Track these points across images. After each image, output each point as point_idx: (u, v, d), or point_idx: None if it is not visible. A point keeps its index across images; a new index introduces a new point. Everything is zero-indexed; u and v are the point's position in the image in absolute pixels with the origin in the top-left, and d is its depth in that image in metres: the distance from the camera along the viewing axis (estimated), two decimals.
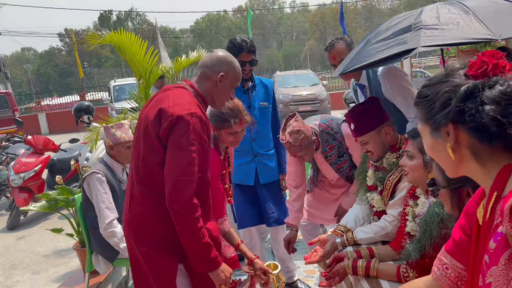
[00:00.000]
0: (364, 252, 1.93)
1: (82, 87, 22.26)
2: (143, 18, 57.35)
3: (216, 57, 1.90)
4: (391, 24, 1.98)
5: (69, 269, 3.97)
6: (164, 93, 1.83)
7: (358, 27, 50.32)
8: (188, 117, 1.67)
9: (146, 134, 1.74)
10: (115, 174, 2.84)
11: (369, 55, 1.91)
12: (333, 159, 2.64)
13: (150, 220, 1.78)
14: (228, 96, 1.95)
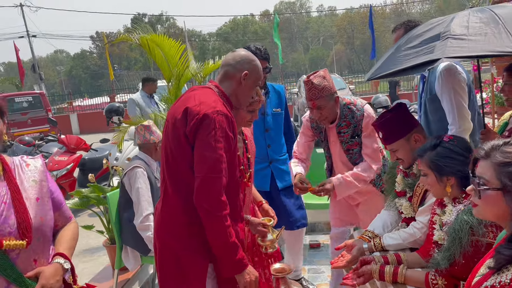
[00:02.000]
0: (391, 258, 1.92)
1: (112, 88, 22.84)
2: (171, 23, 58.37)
3: (239, 56, 1.91)
4: (422, 31, 1.96)
5: (98, 266, 4.08)
6: (191, 93, 1.86)
7: (387, 31, 49.56)
8: (214, 115, 1.69)
9: (174, 133, 1.77)
10: (151, 170, 2.93)
11: (397, 63, 1.90)
12: (345, 137, 2.60)
13: (181, 219, 1.80)
14: (251, 94, 1.96)
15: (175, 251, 1.82)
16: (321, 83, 2.42)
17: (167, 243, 1.85)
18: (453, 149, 1.74)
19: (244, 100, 1.95)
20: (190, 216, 1.78)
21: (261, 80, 1.99)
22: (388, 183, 2.34)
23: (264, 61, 2.90)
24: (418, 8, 57.44)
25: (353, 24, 50.90)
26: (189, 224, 1.79)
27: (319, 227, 4.47)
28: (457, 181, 1.72)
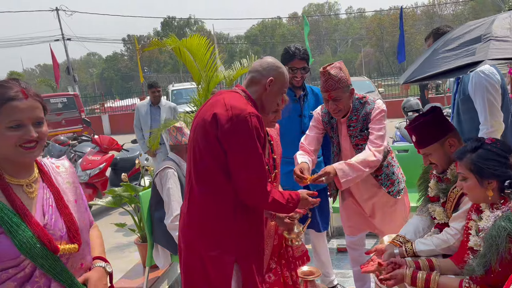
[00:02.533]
0: (423, 263, 1.89)
1: (142, 90, 23.32)
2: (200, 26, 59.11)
3: (266, 62, 1.96)
4: (460, 33, 1.93)
5: (129, 263, 4.18)
6: (218, 96, 1.88)
7: (418, 33, 48.55)
8: (248, 116, 1.73)
9: (204, 137, 1.79)
10: (182, 171, 2.98)
11: (435, 66, 1.87)
12: (354, 132, 2.56)
13: (207, 219, 1.83)
14: (276, 101, 1.97)
15: (200, 251, 1.84)
16: (338, 74, 2.39)
17: (193, 243, 1.87)
18: (497, 152, 1.69)
19: (269, 106, 1.97)
20: (216, 216, 1.81)
21: (287, 87, 2.01)
22: (420, 188, 2.30)
23: (301, 61, 2.93)
24: (451, 9, 55.95)
25: (383, 26, 50.12)
26: (215, 224, 1.82)
27: None
28: (498, 185, 1.67)
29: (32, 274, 1.36)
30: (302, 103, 3.03)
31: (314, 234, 3.14)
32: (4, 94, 1.33)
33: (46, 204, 1.44)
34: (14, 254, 1.31)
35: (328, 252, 3.25)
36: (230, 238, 1.82)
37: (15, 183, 1.38)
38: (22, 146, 1.35)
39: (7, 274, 1.31)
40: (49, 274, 1.39)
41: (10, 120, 1.33)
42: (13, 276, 1.32)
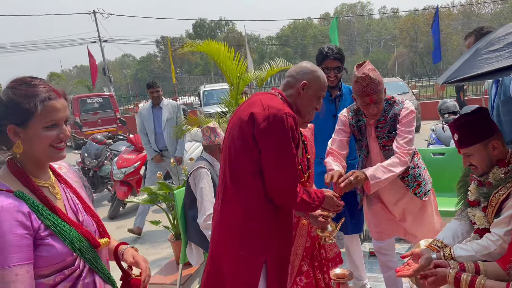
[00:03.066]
0: (470, 266, 1.83)
1: (174, 91, 23.76)
2: (231, 27, 59.60)
3: (300, 67, 1.99)
4: (504, 34, 1.87)
5: (162, 260, 4.28)
6: (255, 97, 1.91)
7: (454, 33, 47.09)
8: (284, 116, 1.75)
9: (240, 135, 1.82)
10: (215, 171, 3.03)
11: (477, 66, 1.82)
12: (381, 133, 2.53)
13: (240, 220, 1.85)
14: (312, 105, 1.99)
15: (230, 249, 1.86)
16: (377, 77, 2.36)
17: (224, 241, 1.90)
18: None
19: (304, 109, 1.98)
20: (248, 216, 1.83)
21: (324, 91, 2.00)
22: (460, 191, 2.24)
23: (335, 61, 2.92)
24: (489, 8, 53.92)
25: (417, 26, 48.90)
26: (248, 223, 1.83)
27: None
28: None
29: (82, 272, 1.39)
30: (338, 103, 3.01)
31: (348, 236, 3.12)
32: (41, 94, 1.31)
33: (73, 203, 1.47)
34: (69, 253, 1.34)
35: (362, 255, 3.22)
36: (260, 238, 1.84)
37: (41, 185, 1.37)
38: (54, 146, 1.35)
39: (62, 275, 1.32)
40: (94, 269, 1.43)
41: (48, 120, 1.32)
42: (68, 276, 1.34)
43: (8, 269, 1.19)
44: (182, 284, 3.11)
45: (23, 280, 1.21)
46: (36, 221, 1.28)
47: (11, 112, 1.28)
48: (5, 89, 1.31)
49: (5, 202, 1.24)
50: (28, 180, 1.33)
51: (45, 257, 1.28)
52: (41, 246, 1.28)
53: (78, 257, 1.37)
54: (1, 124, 1.29)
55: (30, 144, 1.32)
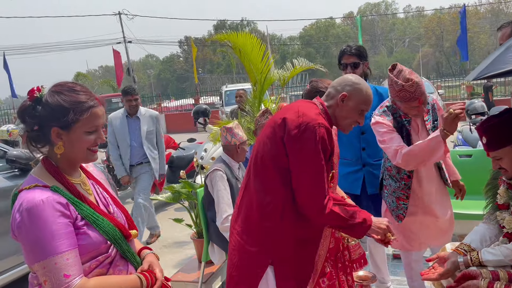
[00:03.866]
0: (503, 274, 1.78)
1: (196, 91, 23.99)
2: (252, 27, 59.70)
3: (343, 78, 1.97)
4: None
5: (184, 257, 4.33)
6: (294, 104, 1.93)
7: (482, 32, 45.87)
8: (316, 127, 1.74)
9: (271, 137, 1.84)
10: (232, 172, 3.03)
11: (509, 62, 1.77)
12: (429, 125, 2.57)
13: (255, 216, 1.86)
14: (353, 118, 1.94)
15: (243, 244, 1.89)
16: (418, 79, 2.37)
17: (238, 235, 1.92)
18: None
19: (342, 122, 1.94)
20: (263, 215, 1.84)
21: (367, 105, 1.93)
22: (488, 194, 2.19)
23: (351, 57, 2.92)
24: None
25: (443, 25, 47.85)
26: (261, 222, 1.85)
27: None
28: None
29: (114, 259, 1.47)
30: None
31: (371, 238, 3.07)
32: (87, 101, 1.41)
33: (103, 197, 1.56)
34: (104, 241, 1.43)
35: (385, 257, 3.17)
36: (271, 239, 1.84)
37: (74, 181, 1.47)
38: (90, 149, 1.46)
39: (97, 262, 1.42)
40: (126, 257, 1.51)
41: (91, 126, 1.43)
42: (102, 263, 1.43)
43: (60, 255, 1.29)
44: (204, 282, 3.14)
45: (74, 263, 1.31)
46: (74, 211, 1.38)
47: (58, 116, 1.38)
48: (51, 93, 1.41)
49: (44, 195, 1.32)
50: (62, 177, 1.43)
51: (81, 245, 1.37)
52: (78, 235, 1.37)
53: (112, 246, 1.46)
54: (46, 125, 1.39)
55: (71, 146, 1.42)
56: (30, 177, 1.41)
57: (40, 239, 1.28)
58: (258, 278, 1.86)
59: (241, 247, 1.90)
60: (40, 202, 1.30)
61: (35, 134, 1.41)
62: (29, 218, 1.29)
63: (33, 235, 1.29)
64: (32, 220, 1.29)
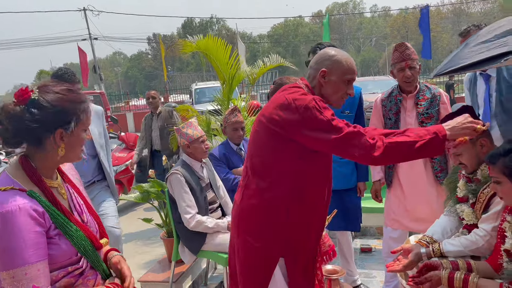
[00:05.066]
0: (462, 264, 1.86)
1: (165, 89, 23.65)
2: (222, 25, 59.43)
3: (319, 54, 1.90)
4: (493, 28, 1.91)
5: (153, 257, 4.28)
6: (280, 93, 1.87)
7: (444, 32, 47.50)
8: (313, 102, 1.72)
9: (268, 133, 1.81)
10: (194, 172, 3.00)
11: (467, 57, 1.84)
12: (421, 109, 2.73)
13: (259, 212, 1.85)
14: (341, 91, 1.85)
15: (250, 242, 1.88)
16: (411, 48, 2.68)
17: (242, 233, 1.91)
18: None
19: (332, 98, 1.87)
20: (268, 210, 1.83)
21: (351, 74, 1.84)
22: (449, 187, 2.28)
23: None
24: (479, 7, 54.44)
25: (407, 25, 49.23)
26: (266, 217, 1.84)
27: (370, 231, 4.41)
28: None
29: (85, 270, 1.44)
30: None
31: (340, 232, 3.14)
32: (85, 101, 1.41)
33: (77, 203, 1.51)
34: (74, 253, 1.39)
35: (353, 251, 3.24)
36: (278, 232, 1.85)
37: (51, 185, 1.42)
38: (82, 148, 1.46)
39: (65, 272, 1.38)
40: (96, 268, 1.48)
41: (87, 124, 1.43)
42: (70, 273, 1.39)
43: (31, 265, 1.25)
44: (174, 282, 3.12)
45: (43, 274, 1.28)
46: (48, 220, 1.33)
47: (62, 117, 1.35)
48: (48, 95, 1.34)
49: (21, 201, 1.28)
50: (40, 180, 1.38)
51: (52, 255, 1.33)
52: (50, 244, 1.33)
53: (83, 257, 1.43)
54: (50, 128, 1.34)
55: (71, 147, 1.41)
56: (6, 176, 1.34)
57: (12, 247, 1.24)
58: (271, 272, 1.88)
59: (247, 245, 1.89)
60: (16, 208, 1.25)
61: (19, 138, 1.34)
62: (2, 223, 1.23)
63: (5, 242, 1.24)
64: (6, 226, 1.23)
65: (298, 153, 1.79)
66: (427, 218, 2.67)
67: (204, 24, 60.13)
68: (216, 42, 4.90)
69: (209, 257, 3.09)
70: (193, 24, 58.65)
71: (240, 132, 3.41)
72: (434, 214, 2.64)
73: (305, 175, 1.82)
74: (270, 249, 1.87)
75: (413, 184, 2.80)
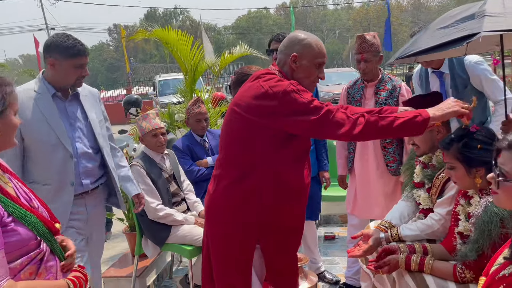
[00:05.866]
0: (418, 247, 1.92)
1: (128, 81, 23.05)
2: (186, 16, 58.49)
3: (288, 38, 1.89)
4: (453, 14, 1.97)
5: (117, 253, 4.18)
6: (254, 82, 1.84)
7: (404, 24, 48.84)
8: (290, 86, 1.73)
9: (242, 122, 1.80)
10: (155, 163, 2.97)
11: (428, 42, 1.90)
12: (380, 99, 2.77)
13: (236, 200, 1.85)
14: (313, 75, 1.86)
15: (224, 232, 1.89)
16: (371, 40, 2.68)
17: (218, 225, 1.91)
18: (482, 139, 1.71)
19: (304, 83, 1.86)
20: (241, 198, 1.84)
21: (321, 57, 1.86)
22: (406, 173, 2.35)
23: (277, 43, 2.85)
24: (437, 1, 56.38)
25: (369, 18, 50.26)
26: (239, 206, 1.84)
27: (334, 219, 4.50)
28: (486, 171, 1.66)
29: (45, 254, 1.41)
30: None
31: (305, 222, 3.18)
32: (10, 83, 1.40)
33: (23, 191, 1.49)
34: (34, 237, 1.36)
35: (317, 239, 3.30)
36: (254, 218, 1.86)
37: None
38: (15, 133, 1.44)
39: (29, 259, 1.34)
40: (55, 253, 1.45)
41: (16, 108, 1.42)
42: (33, 259, 1.36)
43: None
44: (138, 276, 3.06)
45: (1, 265, 1.23)
46: (0, 208, 1.30)
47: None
48: None
49: None
50: None
51: (10, 242, 1.29)
52: (6, 232, 1.29)
53: (42, 241, 1.40)
54: None
55: (6, 133, 1.39)
56: None
57: None
58: (251, 258, 1.90)
59: (224, 235, 1.89)
60: None
61: None
62: None
63: None
64: None
65: (274, 140, 1.79)
66: (382, 206, 2.77)
67: (168, 15, 58.95)
68: (177, 34, 4.82)
69: (174, 250, 3.05)
70: (156, 14, 57.35)
71: (204, 123, 3.37)
72: (386, 202, 2.74)
73: (282, 161, 1.83)
74: (247, 236, 1.88)
75: (366, 173, 2.86)
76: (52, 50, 2.13)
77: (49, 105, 2.16)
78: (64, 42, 2.12)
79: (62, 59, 2.13)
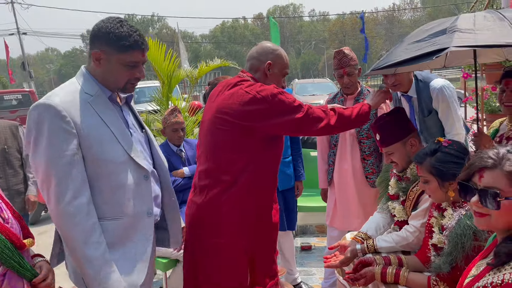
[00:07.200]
0: (393, 259, 1.94)
1: None
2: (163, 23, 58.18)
3: (261, 47, 2.01)
4: (427, 28, 2.03)
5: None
6: (235, 88, 1.88)
7: (378, 37, 50.12)
8: (275, 89, 1.84)
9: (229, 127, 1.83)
10: None
11: (401, 55, 1.94)
12: None
13: (219, 210, 1.85)
14: (279, 83, 2.00)
15: (215, 241, 1.88)
16: (350, 54, 2.74)
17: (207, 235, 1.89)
18: (454, 154, 1.76)
19: None
20: (229, 206, 1.84)
21: (288, 69, 2.06)
22: (381, 186, 2.38)
23: None
24: (410, 15, 58.18)
25: (345, 30, 51.33)
26: (228, 213, 1.85)
27: (310, 229, 4.51)
28: None
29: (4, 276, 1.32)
30: None
31: (281, 232, 3.17)
32: None
33: None
34: None
35: (294, 250, 3.29)
36: (246, 227, 1.88)
37: None
38: None
39: None
40: (17, 272, 1.36)
41: None
42: None
43: None
44: None
45: None
46: None
47: None
48: None
49: None
50: None
51: None
52: None
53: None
54: None
55: None
56: None
57: None
58: (245, 262, 1.91)
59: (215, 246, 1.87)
60: None
61: None
62: None
63: None
64: None
65: (263, 143, 1.88)
66: (361, 217, 2.77)
67: (145, 22, 58.48)
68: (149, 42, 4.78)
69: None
70: (133, 21, 56.82)
71: (180, 133, 3.33)
72: (365, 214, 2.73)
73: (269, 161, 1.93)
74: (237, 244, 1.89)
75: (345, 185, 2.87)
76: (100, 38, 1.57)
77: (110, 112, 1.62)
78: (117, 29, 1.55)
79: (111, 52, 1.57)
